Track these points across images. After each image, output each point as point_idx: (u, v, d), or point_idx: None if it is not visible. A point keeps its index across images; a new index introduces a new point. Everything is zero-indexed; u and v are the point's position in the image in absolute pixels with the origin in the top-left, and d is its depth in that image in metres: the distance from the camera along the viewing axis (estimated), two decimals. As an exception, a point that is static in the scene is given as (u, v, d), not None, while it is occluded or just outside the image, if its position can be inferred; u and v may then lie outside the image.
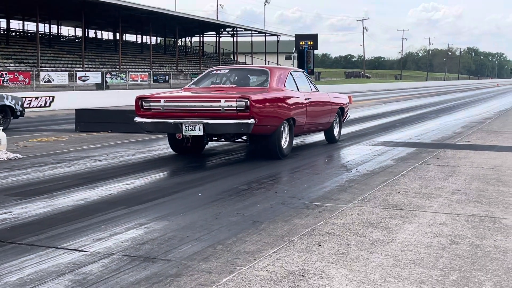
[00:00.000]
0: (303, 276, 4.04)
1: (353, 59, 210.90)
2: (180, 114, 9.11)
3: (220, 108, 8.82)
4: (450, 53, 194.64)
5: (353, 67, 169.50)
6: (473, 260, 4.38)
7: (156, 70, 51.29)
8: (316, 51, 39.35)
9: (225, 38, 73.12)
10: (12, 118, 15.80)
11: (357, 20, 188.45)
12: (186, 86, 10.84)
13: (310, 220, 5.60)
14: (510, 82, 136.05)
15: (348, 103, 13.05)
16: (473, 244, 4.79)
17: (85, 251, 4.63)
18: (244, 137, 9.61)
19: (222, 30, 68.47)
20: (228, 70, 11.09)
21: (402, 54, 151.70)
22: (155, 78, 46.67)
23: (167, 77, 48.02)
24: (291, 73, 10.65)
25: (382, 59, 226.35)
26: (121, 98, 29.59)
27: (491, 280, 3.95)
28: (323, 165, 9.24)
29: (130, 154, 10.37)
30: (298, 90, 10.47)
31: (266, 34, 72.32)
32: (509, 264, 4.28)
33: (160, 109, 9.26)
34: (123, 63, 48.64)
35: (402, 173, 8.24)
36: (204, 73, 11.05)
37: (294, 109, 9.89)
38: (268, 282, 3.91)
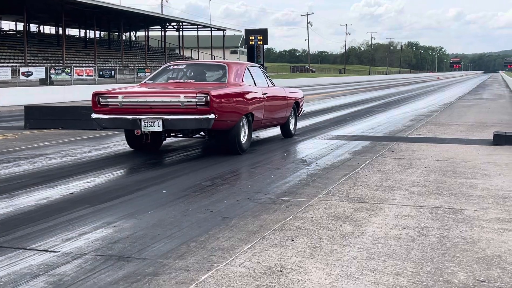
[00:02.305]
0: (281, 271, 4.06)
1: (298, 54, 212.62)
2: (138, 110, 9.03)
3: (180, 104, 8.79)
4: (391, 48, 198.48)
5: (297, 62, 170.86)
6: (443, 251, 4.50)
7: (101, 65, 50.43)
8: (263, 46, 39.65)
9: (171, 33, 72.51)
10: None
11: (301, 15, 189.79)
12: (142, 82, 10.74)
13: (279, 215, 5.64)
14: (450, 75, 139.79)
15: (303, 97, 13.22)
16: (441, 236, 4.92)
17: (55, 252, 4.53)
18: (203, 133, 9.56)
19: (168, 24, 67.85)
20: (185, 65, 11.02)
21: (345, 49, 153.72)
22: (101, 73, 45.91)
23: (112, 72, 47.31)
24: (248, 68, 10.70)
25: (326, 53, 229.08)
26: (67, 94, 28.96)
27: (464, 270, 4.07)
28: (283, 159, 9.30)
29: (86, 151, 10.18)
30: (255, 85, 10.54)
31: (212, 29, 72.06)
32: (479, 254, 4.42)
33: (118, 105, 9.14)
34: (67, 58, 47.62)
35: (361, 167, 8.38)
36: (161, 68, 10.98)
37: (252, 104, 9.96)
38: (248, 279, 3.92)
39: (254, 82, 10.60)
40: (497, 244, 4.68)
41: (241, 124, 9.57)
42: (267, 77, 11.53)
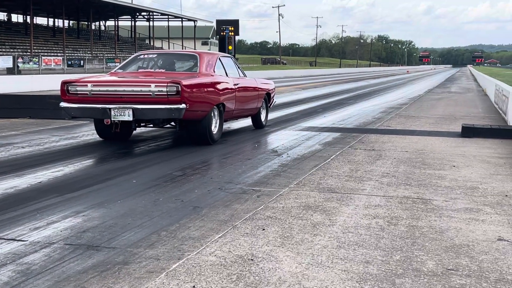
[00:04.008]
0: (252, 260, 4.06)
1: (269, 46, 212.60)
2: (108, 99, 8.87)
3: (151, 93, 8.68)
4: (362, 41, 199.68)
5: (268, 54, 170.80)
6: (413, 240, 4.55)
7: (70, 54, 49.78)
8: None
9: (141, 23, 71.89)
10: None
11: (273, 7, 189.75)
12: (112, 71, 10.59)
13: (250, 204, 5.63)
14: (419, 69, 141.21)
15: (274, 88, 13.23)
16: (410, 225, 4.97)
17: (23, 241, 4.46)
18: (173, 123, 9.52)
19: (138, 14, 67.25)
20: (156, 55, 10.90)
21: (316, 41, 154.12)
22: (69, 62, 45.30)
23: (81, 61, 46.72)
24: (219, 58, 10.62)
25: (297, 46, 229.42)
26: (35, 83, 28.50)
27: (433, 259, 4.12)
28: (254, 150, 9.30)
29: (54, 140, 10.04)
30: (227, 75, 10.49)
31: (183, 19, 71.63)
32: (447, 243, 4.48)
33: (87, 94, 8.99)
34: (35, 47, 46.90)
35: (331, 158, 8.42)
36: (131, 57, 10.85)
37: (223, 94, 9.91)
38: (219, 267, 3.91)
39: (226, 72, 10.54)
40: (465, 233, 4.74)
41: (212, 115, 9.50)
42: (238, 67, 11.49)
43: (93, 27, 64.23)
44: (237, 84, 10.62)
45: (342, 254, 4.21)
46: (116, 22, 65.47)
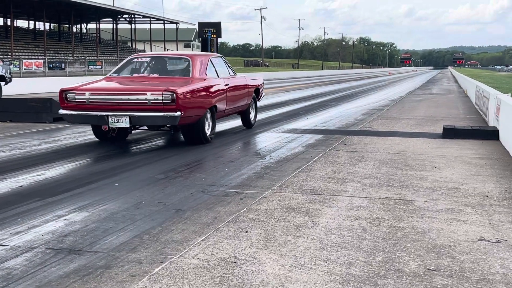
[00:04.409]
0: (235, 262, 4.06)
1: (251, 48, 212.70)
2: (106, 107, 9.11)
3: (147, 101, 8.90)
4: (344, 43, 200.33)
5: (251, 56, 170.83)
6: (395, 241, 4.57)
7: (51, 57, 49.41)
8: (216, 39, 39.52)
9: (123, 25, 71.53)
10: (4, 84, 19.05)
11: (255, 9, 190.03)
12: (108, 75, 10.72)
13: (233, 207, 5.63)
14: (400, 70, 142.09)
15: (263, 83, 13.51)
16: (392, 226, 4.99)
17: (4, 245, 4.42)
18: (168, 126, 9.76)
19: (120, 16, 66.90)
20: (149, 58, 11.07)
21: (298, 44, 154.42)
22: (51, 65, 44.97)
23: (63, 64, 46.39)
24: (210, 60, 10.85)
25: (279, 48, 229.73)
26: (15, 87, 28.17)
27: (415, 260, 4.15)
28: (237, 152, 9.29)
29: (35, 144, 9.95)
30: (218, 77, 10.70)
31: (165, 22, 71.39)
32: (429, 244, 4.51)
33: (85, 101, 9.21)
34: (16, 50, 46.49)
35: (314, 159, 8.44)
36: (125, 61, 10.96)
37: (216, 97, 10.14)
38: (202, 270, 3.90)
39: (217, 73, 10.76)
40: (446, 234, 4.78)
41: (205, 117, 9.76)
42: (228, 66, 11.71)
43: (74, 30, 63.83)
44: (228, 84, 10.85)
45: (324, 255, 4.22)
46: (98, 24, 65.09)
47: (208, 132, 9.91)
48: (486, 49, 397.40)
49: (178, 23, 73.54)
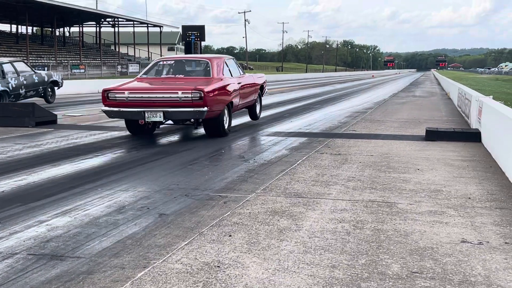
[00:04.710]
0: (218, 267, 4.05)
1: (236, 51, 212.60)
2: (143, 104, 10.58)
3: (178, 99, 10.38)
4: (328, 46, 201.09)
5: (235, 59, 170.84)
6: (378, 244, 4.59)
7: (34, 61, 49.06)
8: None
9: (106, 29, 71.25)
10: (56, 89, 20.82)
11: (239, 13, 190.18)
12: (138, 76, 12.14)
13: (216, 211, 5.62)
14: (384, 73, 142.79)
15: (266, 80, 15.24)
16: (375, 229, 5.01)
17: (-15, 252, 4.37)
18: (192, 121, 11.22)
19: (103, 20, 66.61)
20: (173, 61, 12.54)
21: (282, 47, 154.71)
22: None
23: (46, 68, 46.04)
24: (225, 61, 12.29)
25: (264, 51, 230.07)
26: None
27: (397, 262, 4.16)
28: (220, 156, 9.27)
29: (17, 149, 9.87)
30: (232, 76, 12.17)
31: (149, 25, 71.25)
32: (412, 246, 4.53)
33: (124, 99, 10.64)
34: (-2, 54, 46.11)
35: (298, 162, 8.45)
36: (151, 64, 12.41)
37: (232, 94, 11.66)
38: (185, 275, 3.89)
39: (231, 73, 12.25)
40: (429, 236, 4.80)
41: (224, 113, 11.26)
42: (238, 66, 13.22)
43: (57, 33, 63.44)
44: (240, 82, 12.41)
45: (308, 259, 4.22)
46: (81, 28, 64.80)
47: (226, 125, 11.43)
48: (469, 52, 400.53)
49: (162, 26, 73.42)
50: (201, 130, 12.23)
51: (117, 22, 67.38)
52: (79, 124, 14.12)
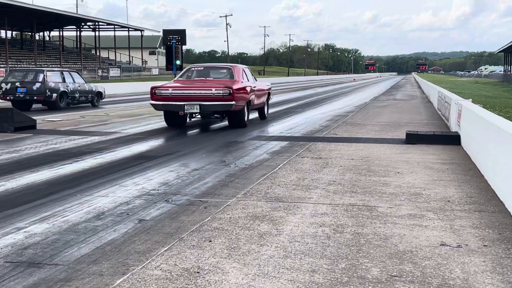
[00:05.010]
0: (198, 273, 4.03)
1: (217, 55, 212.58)
2: (183, 98, 13.41)
3: (212, 94, 13.26)
4: (309, 49, 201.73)
5: (217, 63, 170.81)
6: (358, 247, 4.60)
7: (13, 65, 48.61)
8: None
9: (87, 33, 70.85)
10: (101, 99, 23.58)
11: (220, 16, 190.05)
12: (175, 79, 15.15)
13: (197, 216, 5.60)
14: (365, 77, 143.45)
15: (271, 87, 18.28)
16: (355, 233, 5.02)
17: (-39, 261, 4.31)
18: (217, 115, 14.15)
19: (83, 24, 66.31)
20: (202, 68, 15.55)
21: (264, 50, 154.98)
22: (13, 74, 44.16)
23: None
24: (243, 69, 15.36)
25: (245, 55, 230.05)
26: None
27: (377, 266, 4.17)
28: (201, 161, 9.23)
29: (-4, 155, 9.76)
30: (248, 81, 14.99)
31: (130, 29, 70.99)
32: (391, 250, 4.54)
33: (168, 95, 13.53)
34: (-24, 58, 45.62)
35: (279, 167, 8.45)
36: (184, 70, 15.58)
37: (250, 94, 14.54)
38: (164, 281, 3.86)
39: (247, 78, 15.18)
40: (408, 239, 4.82)
41: (245, 108, 14.13)
42: (252, 75, 16.18)
43: (37, 38, 62.97)
44: (254, 86, 15.27)
45: (288, 263, 4.21)
46: (61, 32, 64.39)
47: (246, 119, 14.34)
48: (449, 55, 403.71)
49: (143, 30, 73.24)
50: (182, 139, 12.19)
51: (97, 26, 67.07)
52: (58, 129, 14.01)
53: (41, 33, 68.98)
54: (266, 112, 17.27)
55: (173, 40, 23.54)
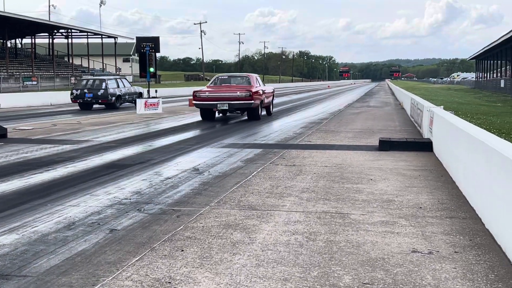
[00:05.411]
0: (169, 283, 3.99)
1: (192, 62, 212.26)
2: (216, 99, 18.76)
3: (237, 96, 18.63)
4: (284, 57, 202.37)
5: (192, 70, 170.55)
6: (330, 255, 4.60)
7: (-16, 73, 47.93)
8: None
9: (60, 40, 70.17)
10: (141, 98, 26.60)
11: (195, 24, 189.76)
12: (207, 85, 20.39)
13: (169, 225, 5.55)
14: (339, 84, 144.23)
15: (274, 90, 23.76)
16: (328, 240, 5.02)
17: None
18: (238, 111, 19.47)
19: (56, 31, 65.63)
20: (227, 76, 21.43)
21: (239, 57, 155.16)
22: (-16, 81, 43.59)
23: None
24: (256, 77, 20.90)
25: (220, 62, 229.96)
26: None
27: (349, 273, 4.17)
28: (175, 169, 9.18)
29: (-35, 164, 9.58)
30: (260, 86, 20.36)
31: (103, 36, 70.48)
32: (363, 257, 4.55)
33: (206, 96, 18.90)
34: None
35: (252, 174, 8.44)
36: (214, 78, 21.02)
37: (262, 95, 19.87)
38: (135, 292, 3.82)
39: (260, 84, 20.62)
40: (380, 246, 4.84)
41: (259, 106, 19.52)
42: (262, 81, 21.99)
43: (9, 45, 62.17)
44: (264, 90, 20.61)
45: (261, 272, 4.20)
46: (33, 39, 63.70)
47: (260, 114, 19.74)
48: (422, 62, 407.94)
49: (117, 37, 72.79)
50: (155, 148, 12.08)
51: (70, 33, 66.47)
52: (30, 137, 13.84)
53: (13, 40, 68.14)
54: (271, 109, 22.74)
55: (146, 48, 23.36)
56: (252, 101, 18.41)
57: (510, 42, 49.98)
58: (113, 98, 26.72)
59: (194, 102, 19.00)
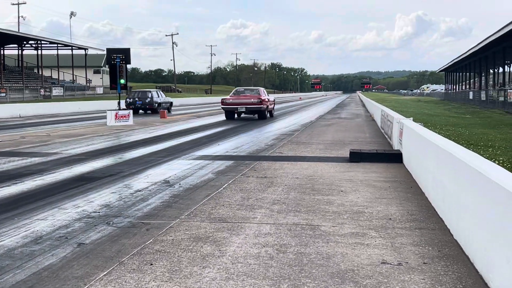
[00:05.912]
0: (138, 297, 3.94)
1: (164, 74, 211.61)
2: (237, 104, 27.29)
3: (252, 102, 27.17)
4: (256, 68, 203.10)
5: (164, 82, 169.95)
6: (300, 267, 4.59)
7: (-48, 84, 47.12)
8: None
9: (29, 51, 69.43)
10: (172, 107, 38.21)
11: (166, 35, 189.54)
12: (229, 95, 28.56)
13: (138, 239, 5.50)
14: (311, 95, 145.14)
15: (274, 99, 33.15)
16: (298, 252, 5.02)
17: None
18: (252, 114, 28.20)
19: (25, 42, 64.94)
20: (243, 89, 29.82)
21: (211, 69, 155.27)
22: (-49, 93, 42.83)
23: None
24: (263, 90, 29.26)
25: (192, 73, 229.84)
26: None
27: (319, 286, 4.17)
28: (145, 182, 9.11)
29: None
30: (266, 95, 28.73)
31: (73, 48, 69.96)
32: (333, 269, 4.55)
33: (230, 103, 27.49)
34: None
35: (224, 186, 8.41)
36: (234, 91, 29.26)
37: (268, 102, 28.57)
38: (103, 307, 3.76)
39: (265, 94, 28.80)
40: (350, 258, 4.85)
41: (266, 109, 28.04)
42: (267, 93, 29.92)
43: (-23, 56, 61.30)
44: (269, 99, 28.98)
45: (230, 285, 4.17)
46: (2, 51, 62.90)
47: (267, 116, 28.48)
48: (392, 74, 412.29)
49: (87, 49, 72.33)
50: (125, 160, 11.99)
51: (40, 45, 65.84)
52: (-2, 150, 13.61)
53: (-19, 52, 67.22)
54: (273, 113, 31.03)
55: (117, 59, 23.28)
56: (261, 106, 26.95)
57: (479, 54, 50.90)
58: (156, 105, 35.20)
59: (221, 106, 27.76)
